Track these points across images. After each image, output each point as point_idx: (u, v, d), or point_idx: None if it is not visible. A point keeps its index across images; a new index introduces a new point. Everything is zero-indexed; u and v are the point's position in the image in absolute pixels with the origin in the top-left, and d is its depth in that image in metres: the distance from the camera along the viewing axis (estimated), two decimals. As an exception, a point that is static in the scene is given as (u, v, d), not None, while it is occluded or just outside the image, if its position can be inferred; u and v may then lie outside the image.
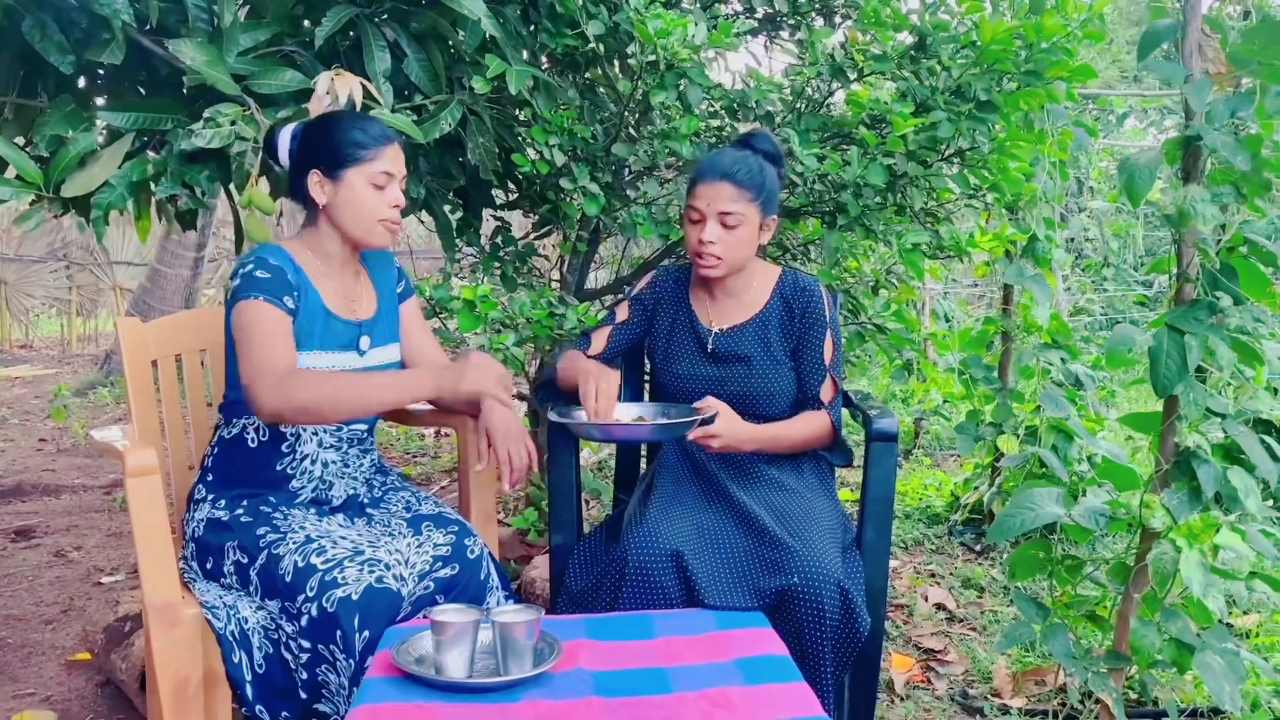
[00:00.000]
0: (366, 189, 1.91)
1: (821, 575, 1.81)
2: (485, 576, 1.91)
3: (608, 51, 2.60)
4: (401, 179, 1.95)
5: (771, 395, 2.13)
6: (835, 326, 2.18)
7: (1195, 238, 1.93)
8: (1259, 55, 1.81)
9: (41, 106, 2.23)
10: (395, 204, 1.94)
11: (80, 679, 2.63)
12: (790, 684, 1.52)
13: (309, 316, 1.92)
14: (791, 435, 2.11)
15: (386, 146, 1.92)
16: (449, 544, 1.88)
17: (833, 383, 2.16)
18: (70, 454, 5.47)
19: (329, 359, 1.94)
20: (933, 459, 5.09)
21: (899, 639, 2.86)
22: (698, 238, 2.06)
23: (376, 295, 2.08)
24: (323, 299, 1.95)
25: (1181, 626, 1.98)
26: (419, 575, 1.80)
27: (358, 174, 1.90)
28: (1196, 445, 1.96)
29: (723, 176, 2.04)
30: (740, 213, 2.04)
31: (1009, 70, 2.56)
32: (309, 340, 1.91)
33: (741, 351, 2.14)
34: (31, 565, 3.53)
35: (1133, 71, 12.23)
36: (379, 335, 2.05)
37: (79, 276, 10.51)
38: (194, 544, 1.93)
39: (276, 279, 1.86)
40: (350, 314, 1.99)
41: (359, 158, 1.89)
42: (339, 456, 2.01)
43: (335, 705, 1.72)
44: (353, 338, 1.98)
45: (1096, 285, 8.74)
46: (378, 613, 1.69)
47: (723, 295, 2.19)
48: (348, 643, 1.66)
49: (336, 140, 1.90)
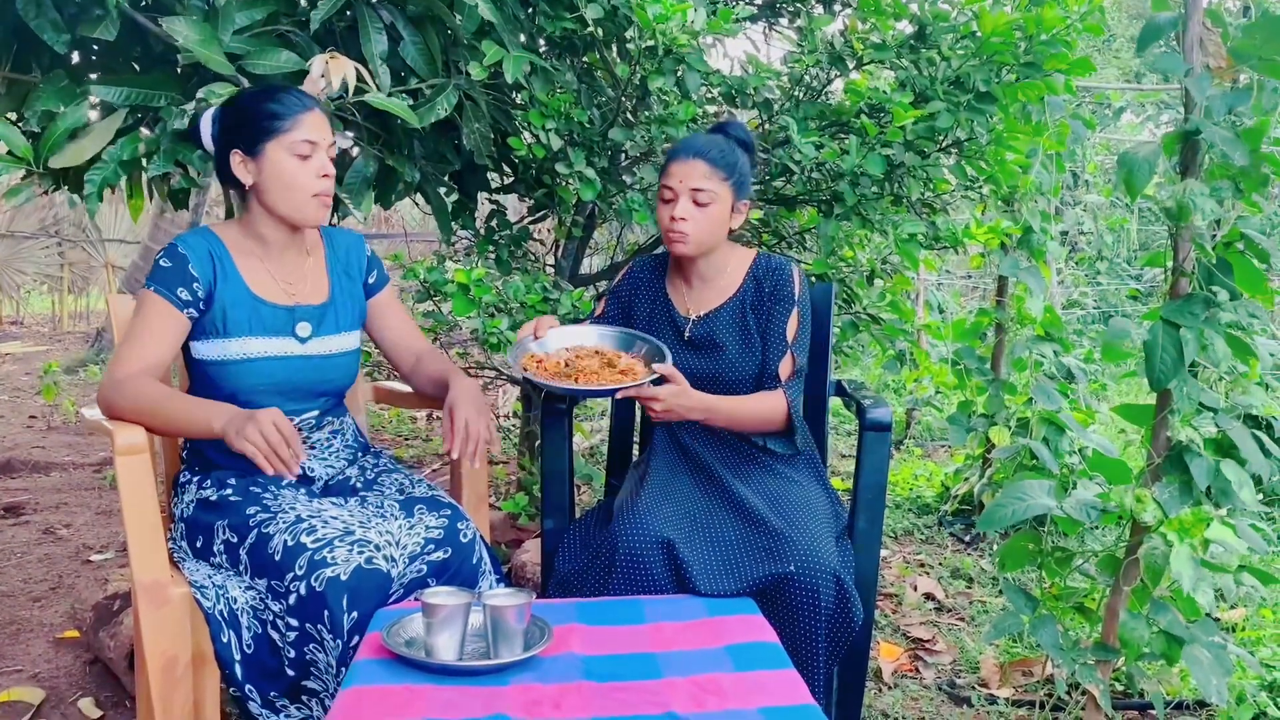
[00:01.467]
0: (290, 161, 1.86)
1: (818, 564, 1.82)
2: (478, 561, 1.91)
3: (606, 35, 2.59)
4: (329, 146, 1.89)
5: (747, 380, 2.13)
6: (805, 306, 2.15)
7: (1192, 232, 1.93)
8: (1259, 50, 1.80)
9: (34, 81, 2.21)
10: (323, 173, 1.88)
11: (68, 657, 2.62)
12: (780, 671, 1.52)
13: (231, 303, 1.90)
14: (743, 410, 2.07)
15: (305, 114, 1.86)
16: (441, 527, 1.87)
17: (791, 359, 2.12)
18: (60, 431, 5.45)
19: (261, 344, 1.92)
20: (924, 449, 5.10)
21: (887, 628, 2.87)
22: (669, 215, 2.06)
23: (329, 281, 2.04)
24: (248, 284, 1.92)
25: (1171, 619, 1.99)
26: (410, 557, 1.79)
27: (277, 146, 1.85)
28: (1189, 439, 1.96)
29: (696, 154, 2.04)
30: (713, 190, 2.04)
31: (1008, 62, 2.56)
32: (237, 327, 1.90)
33: (718, 338, 2.13)
34: (20, 543, 3.52)
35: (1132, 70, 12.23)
36: (327, 323, 2.01)
37: (71, 253, 10.45)
38: (184, 524, 1.93)
39: (176, 269, 1.86)
40: (285, 299, 1.96)
41: (276, 129, 1.84)
42: (302, 440, 1.98)
43: (324, 683, 1.72)
44: (286, 323, 1.95)
45: (1090, 279, 8.75)
46: (367, 594, 1.69)
47: (698, 281, 2.18)
48: (335, 623, 1.66)
49: (253, 115, 1.86)
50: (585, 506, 3.01)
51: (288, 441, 1.68)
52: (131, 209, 2.51)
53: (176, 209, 2.70)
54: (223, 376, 1.90)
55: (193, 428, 1.79)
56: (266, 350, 1.92)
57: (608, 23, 2.46)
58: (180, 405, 1.80)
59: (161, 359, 1.86)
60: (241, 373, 1.90)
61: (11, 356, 8.38)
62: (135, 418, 1.79)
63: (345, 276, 2.07)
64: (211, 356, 1.90)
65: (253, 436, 1.66)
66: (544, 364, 1.98)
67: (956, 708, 2.44)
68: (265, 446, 1.66)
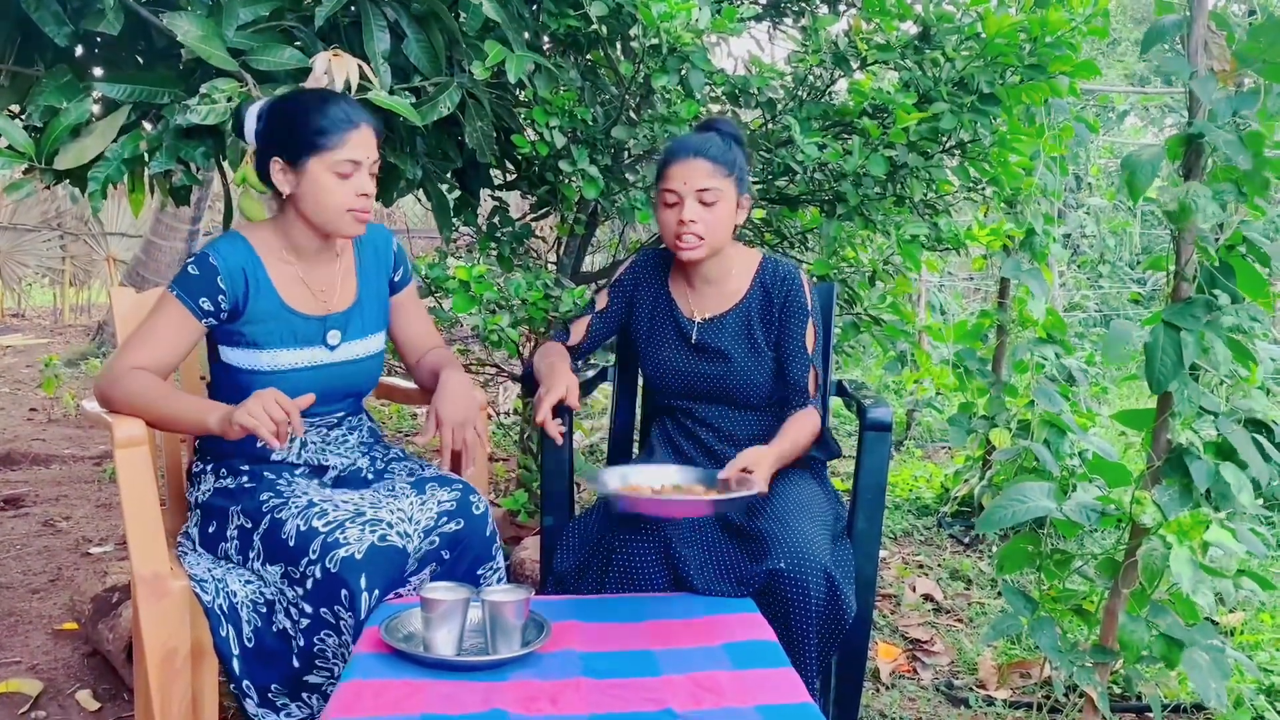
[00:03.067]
0: (330, 179, 1.82)
1: (808, 560, 1.82)
2: (490, 534, 1.90)
3: (610, 33, 2.59)
4: (372, 163, 1.86)
5: (752, 387, 2.12)
6: (817, 315, 2.14)
7: (1194, 235, 1.93)
8: (1264, 54, 1.80)
9: (37, 75, 2.21)
10: (362, 192, 1.84)
11: (67, 649, 2.62)
12: (778, 669, 1.53)
13: (264, 316, 1.88)
14: (799, 444, 2.04)
15: (351, 131, 1.81)
16: (454, 499, 1.87)
17: (815, 373, 2.11)
18: (61, 424, 5.45)
19: (292, 356, 1.91)
20: (924, 451, 5.10)
21: (886, 628, 2.87)
22: (676, 219, 2.02)
23: (358, 283, 2.02)
24: (281, 295, 1.90)
25: (1170, 622, 1.99)
26: (424, 531, 1.80)
27: (320, 163, 1.81)
28: (1189, 442, 1.96)
29: (696, 153, 2.01)
30: (718, 188, 2.01)
31: (1012, 63, 2.56)
32: (269, 340, 1.88)
33: (724, 345, 2.11)
34: (20, 535, 3.52)
35: (1137, 73, 12.22)
36: (355, 327, 1.99)
37: (73, 247, 10.45)
38: (199, 510, 1.93)
39: (204, 278, 1.84)
40: (317, 308, 1.94)
41: (321, 146, 1.80)
42: (318, 437, 1.99)
43: (331, 671, 1.72)
44: (317, 333, 1.94)
45: (1092, 282, 8.75)
46: (384, 571, 1.70)
47: (702, 283, 2.15)
48: (354, 602, 1.66)
49: (298, 127, 1.81)
50: (585, 504, 3.01)
51: (288, 414, 1.68)
52: (133, 204, 2.51)
53: (178, 205, 2.70)
54: (252, 383, 1.87)
55: (187, 424, 1.81)
56: (297, 362, 1.91)
57: (612, 20, 2.46)
58: (176, 402, 1.81)
59: (167, 361, 1.85)
60: (271, 382, 1.86)
61: (13, 349, 8.39)
62: (130, 411, 1.79)
63: (374, 274, 2.05)
64: (242, 365, 1.89)
65: (253, 409, 1.67)
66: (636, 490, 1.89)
67: (954, 709, 2.44)
68: (265, 417, 1.66)
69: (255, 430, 1.66)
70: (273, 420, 1.67)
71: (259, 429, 1.66)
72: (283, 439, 1.69)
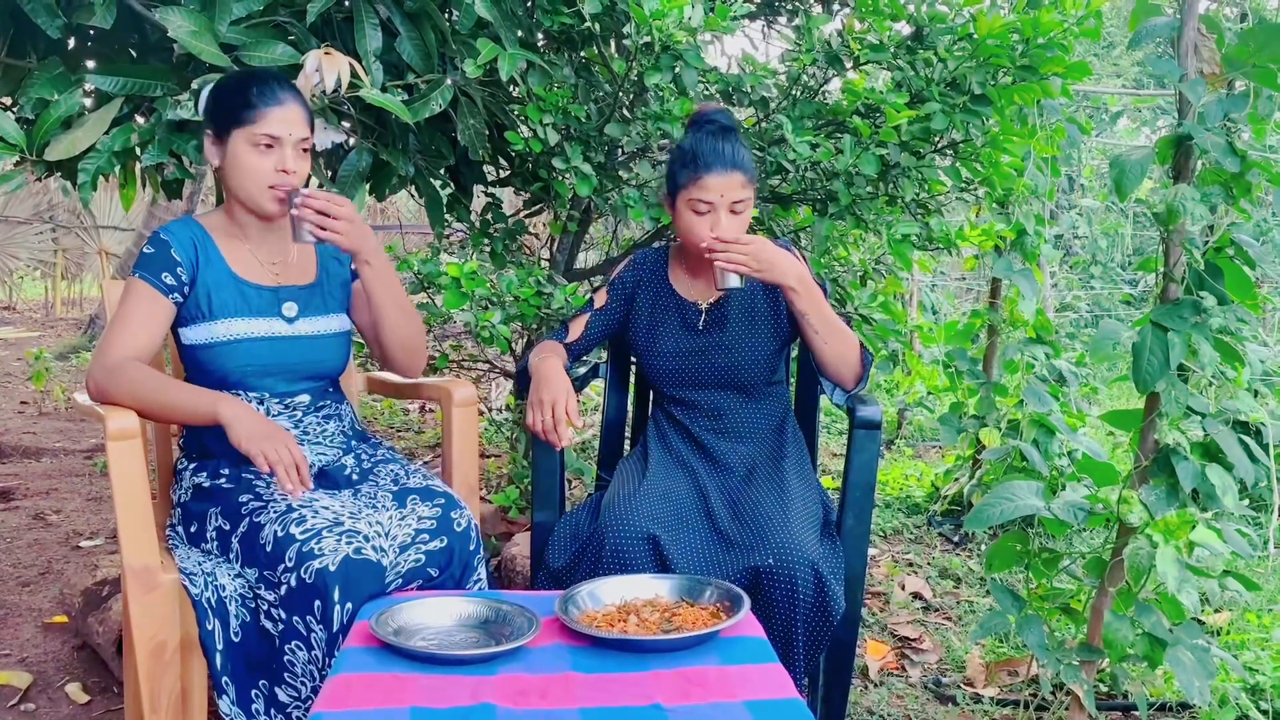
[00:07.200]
0: (250, 153, 1.86)
1: (796, 556, 1.83)
2: (475, 548, 1.91)
3: (604, 31, 2.59)
4: (300, 142, 1.89)
5: (756, 364, 2.15)
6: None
7: (1183, 237, 1.94)
8: (1254, 57, 1.81)
9: (29, 67, 2.21)
10: (282, 168, 1.87)
11: (56, 642, 2.62)
12: (766, 665, 1.53)
13: (215, 285, 1.92)
14: (834, 321, 2.03)
15: (275, 108, 1.85)
16: (434, 517, 1.87)
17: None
18: (51, 417, 5.44)
19: (247, 325, 1.93)
20: (914, 450, 5.12)
21: (875, 626, 2.88)
22: (708, 228, 2.02)
23: (318, 263, 2.05)
24: (231, 266, 1.94)
25: (1155, 621, 2.00)
26: (400, 547, 1.79)
27: (241, 135, 1.85)
28: (1176, 443, 1.97)
29: (733, 166, 2.02)
30: (747, 198, 2.06)
31: (1005, 64, 2.57)
32: (222, 309, 1.92)
33: (729, 322, 2.15)
34: (10, 527, 3.52)
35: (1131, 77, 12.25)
36: (314, 305, 2.02)
37: (64, 239, 10.43)
38: (180, 509, 1.93)
39: (159, 254, 1.89)
40: (269, 279, 1.98)
41: (243, 119, 1.85)
42: (290, 424, 1.97)
43: (298, 691, 1.72)
44: (271, 303, 1.96)
45: (1084, 283, 8.78)
46: (359, 584, 1.69)
47: (704, 270, 2.18)
48: (326, 614, 1.65)
49: (224, 100, 1.88)
50: (576, 500, 3.02)
51: (299, 467, 1.73)
52: (124, 198, 2.51)
53: (170, 199, 2.70)
54: (211, 360, 1.90)
55: (194, 414, 1.81)
56: (253, 331, 1.93)
57: (605, 18, 2.46)
58: (181, 392, 1.83)
59: (149, 345, 1.87)
60: (230, 354, 1.90)
61: (4, 342, 8.36)
62: (132, 404, 1.80)
63: (334, 260, 2.08)
64: (199, 340, 1.91)
65: (279, 452, 1.72)
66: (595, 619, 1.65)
67: (942, 706, 2.45)
68: (289, 461, 1.72)
69: (273, 467, 1.70)
70: (284, 463, 1.72)
71: (277, 468, 1.71)
72: (294, 486, 1.72)
